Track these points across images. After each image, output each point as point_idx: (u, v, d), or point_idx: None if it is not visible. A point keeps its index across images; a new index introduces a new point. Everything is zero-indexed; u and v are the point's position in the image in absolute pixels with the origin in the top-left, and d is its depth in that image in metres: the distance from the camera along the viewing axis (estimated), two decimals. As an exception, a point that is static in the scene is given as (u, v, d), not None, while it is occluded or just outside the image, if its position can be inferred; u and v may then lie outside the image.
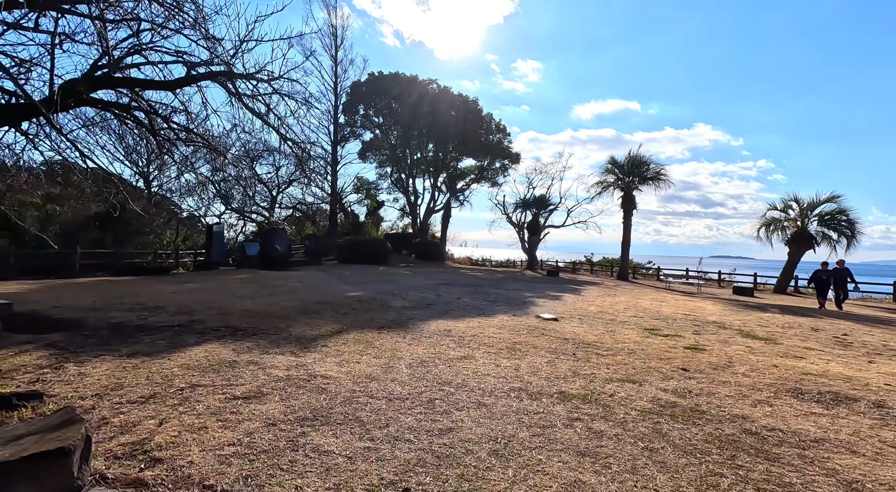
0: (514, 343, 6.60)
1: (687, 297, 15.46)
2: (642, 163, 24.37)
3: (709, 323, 9.11)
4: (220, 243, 19.79)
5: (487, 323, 8.15)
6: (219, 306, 8.85)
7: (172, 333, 6.45)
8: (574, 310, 10.31)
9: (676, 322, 9.01)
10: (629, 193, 24.63)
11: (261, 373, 4.69)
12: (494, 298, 12.15)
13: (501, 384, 4.71)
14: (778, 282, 19.82)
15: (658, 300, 13.29)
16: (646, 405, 4.25)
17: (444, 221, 39.70)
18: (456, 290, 13.93)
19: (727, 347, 6.73)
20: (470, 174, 42.70)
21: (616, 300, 12.75)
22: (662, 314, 10.10)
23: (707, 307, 11.87)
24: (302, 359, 5.33)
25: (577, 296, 13.70)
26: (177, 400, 3.83)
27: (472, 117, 37.65)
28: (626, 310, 10.62)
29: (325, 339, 6.46)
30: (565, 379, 4.98)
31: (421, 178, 42.05)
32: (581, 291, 15.56)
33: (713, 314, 10.49)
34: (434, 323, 7.99)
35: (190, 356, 5.20)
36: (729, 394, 4.64)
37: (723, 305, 12.79)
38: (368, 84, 37.39)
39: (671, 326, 8.45)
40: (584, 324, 8.37)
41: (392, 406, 3.96)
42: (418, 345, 6.30)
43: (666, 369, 5.46)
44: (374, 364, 5.26)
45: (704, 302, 13.44)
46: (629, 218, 24.84)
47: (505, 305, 10.64)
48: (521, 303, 11.28)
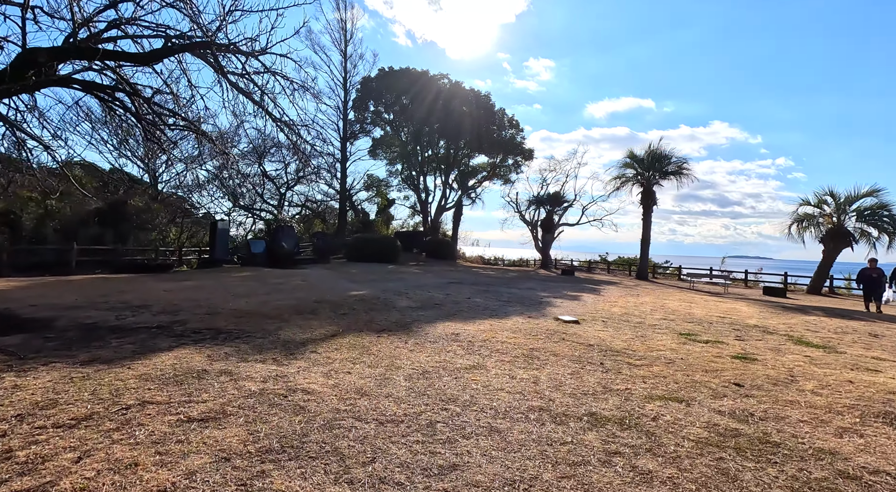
0: (531, 350, 5.76)
1: (715, 297, 14.39)
2: (663, 157, 23.19)
3: (749, 327, 8.14)
4: (225, 240, 19.30)
5: (500, 326, 7.31)
6: (208, 305, 8.18)
7: (147, 335, 5.76)
8: (596, 311, 9.41)
9: (713, 326, 8.05)
10: (649, 189, 23.47)
11: (231, 386, 3.95)
12: (507, 297, 11.30)
13: (518, 402, 3.89)
14: (812, 282, 18.53)
15: (686, 301, 12.28)
16: (700, 433, 3.38)
17: (455, 219, 38.89)
18: (466, 289, 13.11)
19: (782, 357, 5.78)
20: (482, 171, 41.78)
21: (640, 301, 11.78)
22: (695, 317, 9.14)
23: (742, 309, 10.84)
24: (284, 368, 4.57)
25: (596, 296, 12.77)
26: (115, 424, 3.09)
27: (485, 113, 36.75)
28: (653, 311, 9.68)
29: (316, 343, 5.71)
30: (595, 396, 4.13)
31: (432, 175, 41.30)
32: (600, 291, 14.60)
33: (751, 317, 9.48)
34: (441, 325, 7.19)
35: (155, 364, 4.49)
36: (802, 418, 3.74)
37: (758, 306, 11.73)
38: (378, 79, 36.76)
39: (709, 331, 7.51)
40: (609, 327, 7.48)
41: (383, 432, 3.17)
42: (421, 351, 5.51)
43: (716, 384, 4.57)
44: (367, 375, 4.48)
45: (736, 303, 12.39)
46: (649, 214, 23.70)
47: (519, 306, 9.79)
48: (536, 303, 10.41)
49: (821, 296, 17.53)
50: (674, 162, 23.22)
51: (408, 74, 36.87)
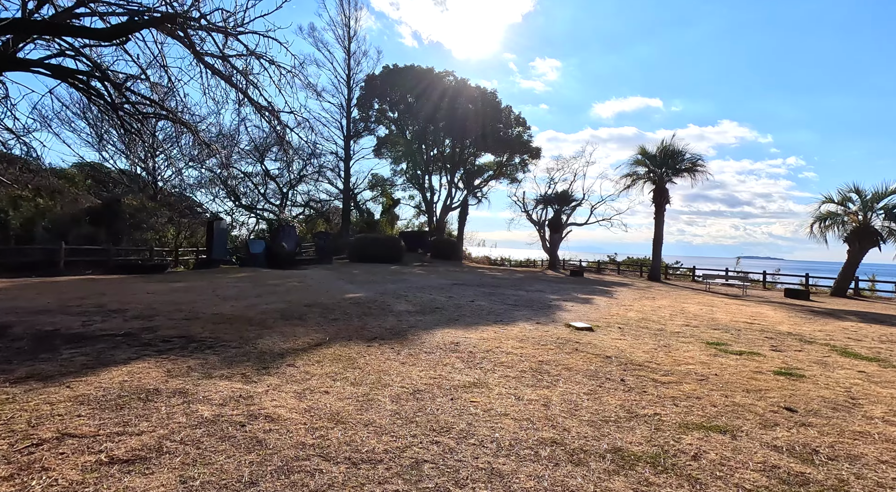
0: (541, 363, 5.05)
1: (736, 300, 13.55)
2: (676, 153, 22.30)
3: (783, 335, 7.35)
4: (223, 241, 18.79)
5: (506, 333, 6.61)
6: (190, 309, 7.57)
7: (107, 345, 5.14)
8: (610, 316, 8.66)
9: (743, 334, 7.27)
10: (661, 186, 22.58)
11: (180, 411, 3.29)
12: (514, 300, 10.58)
13: (525, 432, 3.20)
14: (836, 284, 17.57)
15: (706, 305, 11.47)
16: (757, 479, 2.67)
17: (460, 218, 38.18)
18: (470, 291, 12.41)
19: (832, 373, 5.02)
20: (488, 170, 41.06)
21: (657, 304, 11.00)
22: (720, 323, 8.36)
23: (768, 313, 10.02)
24: (251, 387, 3.91)
25: (609, 299, 12.00)
26: (11, 468, 2.44)
27: (491, 111, 36.02)
28: (672, 317, 8.91)
29: (297, 355, 5.04)
30: (618, 424, 3.42)
31: (437, 174, 40.65)
32: (613, 294, 13.81)
33: (781, 323, 8.68)
34: (440, 333, 6.51)
35: (100, 382, 3.85)
36: (882, 457, 3.00)
37: (785, 310, 10.89)
38: (383, 77, 36.19)
39: (739, 340, 6.74)
40: (628, 335, 6.74)
41: (354, 478, 2.50)
42: (414, 365, 4.82)
43: (762, 409, 3.83)
44: (347, 395, 3.80)
45: (760, 307, 11.55)
46: (661, 213, 22.82)
47: (527, 310, 9.07)
48: (545, 307, 9.68)
49: (846, 298, 16.57)
50: (687, 159, 22.33)
51: (413, 72, 36.27)
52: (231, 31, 5.71)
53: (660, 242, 22.98)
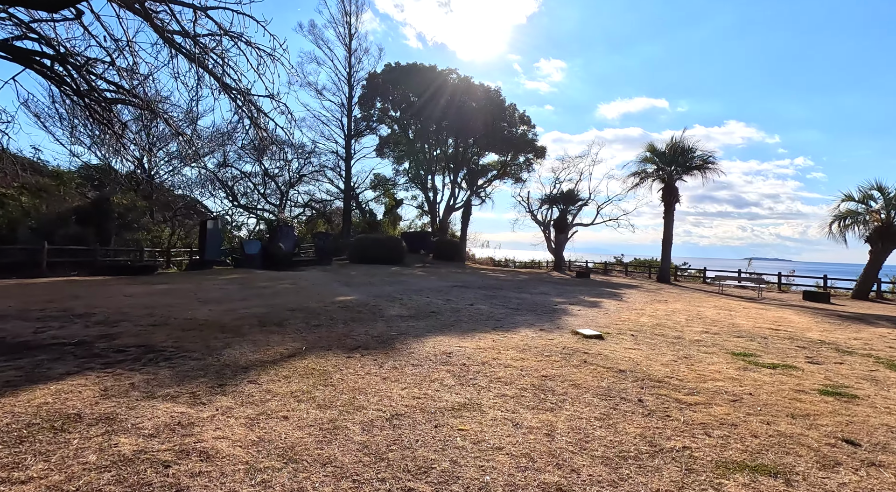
0: (544, 378, 4.38)
1: (754, 304, 12.77)
2: (686, 150, 21.49)
3: (815, 343, 6.61)
4: (216, 241, 18.26)
5: (505, 342, 5.93)
6: (162, 314, 6.97)
7: (51, 355, 4.53)
8: (621, 322, 7.95)
9: (770, 342, 6.54)
10: (671, 184, 21.78)
11: (94, 446, 2.65)
12: (516, 304, 9.89)
13: (523, 474, 2.54)
14: (858, 286, 16.70)
15: (723, 308, 10.72)
16: (834, 552, 1.97)
17: (463, 219, 37.55)
18: (471, 293, 11.74)
19: (889, 392, 4.29)
20: (492, 170, 40.38)
21: (671, 308, 10.26)
22: (742, 329, 7.63)
23: (792, 318, 9.26)
24: (196, 410, 3.27)
25: (618, 302, 11.27)
26: None
27: (495, 109, 35.36)
28: (689, 322, 8.18)
29: (263, 368, 4.40)
30: (639, 462, 2.74)
31: (441, 174, 40.01)
32: (622, 296, 13.08)
33: (809, 329, 7.92)
34: (432, 341, 5.84)
35: (15, 404, 3.23)
36: None
37: (809, 315, 10.12)
38: (385, 75, 35.64)
39: (768, 349, 6.01)
40: (642, 344, 6.04)
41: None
42: (397, 380, 4.16)
43: (815, 441, 3.13)
44: (310, 422, 3.15)
45: (782, 311, 10.78)
46: (670, 213, 22.01)
47: (530, 315, 8.38)
48: (550, 311, 8.99)
49: (869, 302, 15.71)
50: (698, 156, 21.51)
51: (415, 70, 35.71)
52: (199, 6, 5.11)
53: (669, 242, 22.18)
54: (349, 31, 32.78)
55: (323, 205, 36.35)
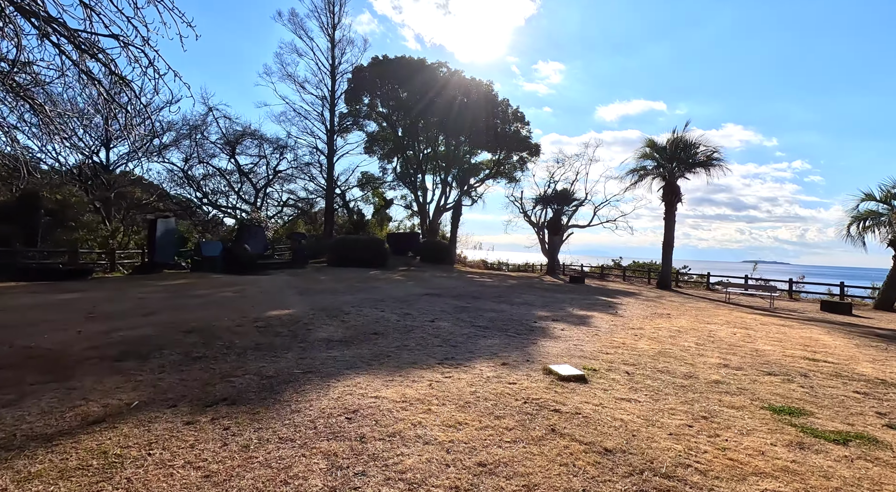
0: (480, 471, 2.64)
1: (769, 317, 11.05)
2: (689, 145, 19.76)
3: (874, 383, 4.87)
4: (169, 241, 16.49)
5: (447, 387, 4.18)
6: (7, 336, 5.22)
7: None
8: (614, 349, 6.21)
9: (814, 383, 4.81)
10: (672, 182, 20.05)
11: None
12: (488, 320, 8.15)
13: None
14: (882, 295, 14.97)
15: (737, 325, 8.99)
16: None
17: (453, 220, 35.84)
18: (440, 304, 9.99)
19: None
20: (484, 169, 38.68)
21: (675, 325, 8.52)
22: (769, 358, 5.89)
23: (824, 340, 7.53)
24: None
25: (613, 317, 9.54)
26: None
27: (487, 105, 33.63)
28: (701, 348, 6.45)
29: (15, 453, 2.64)
30: None
31: (431, 173, 38.29)
32: (618, 308, 11.34)
33: (854, 359, 6.19)
34: (343, 385, 4.10)
35: None
36: None
37: (842, 334, 8.40)
38: (371, 68, 33.91)
39: (818, 398, 4.27)
40: (640, 391, 4.29)
41: None
42: (231, 478, 2.42)
43: None
44: None
45: (807, 328, 9.06)
46: (672, 213, 20.29)
47: (498, 337, 6.64)
48: (525, 332, 7.25)
49: (894, 312, 14.00)
50: (702, 151, 19.80)
51: (403, 63, 34.01)
52: None
53: (670, 245, 20.46)
54: (332, 20, 31.06)
55: (307, 204, 34.57)
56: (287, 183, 32.77)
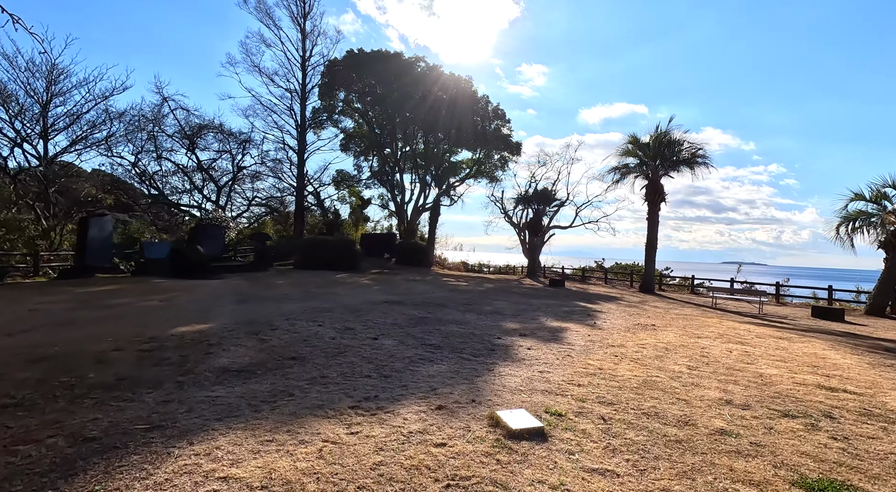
0: None
1: (763, 327, 10.06)
2: (673, 142, 18.87)
3: (922, 430, 3.76)
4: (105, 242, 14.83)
5: (343, 454, 2.89)
6: None
7: None
8: (588, 379, 5.01)
9: (842, 425, 3.67)
10: (656, 180, 19.12)
11: None
12: (444, 336, 6.89)
13: None
14: (873, 300, 14.21)
15: (732, 339, 7.91)
16: None
17: (431, 220, 34.55)
18: (395, 316, 8.70)
19: None
20: (465, 168, 37.51)
21: (662, 341, 7.39)
22: (779, 389, 4.75)
23: (833, 359, 6.47)
24: None
25: (590, 329, 8.38)
26: None
27: (466, 101, 32.43)
28: (694, 373, 5.29)
29: None
30: None
31: (409, 173, 36.93)
32: (597, 318, 10.21)
33: (877, 386, 5.11)
34: (190, 452, 2.78)
35: None
36: None
37: (849, 349, 7.38)
38: (346, 62, 32.43)
39: (859, 457, 3.11)
40: (620, 453, 3.06)
41: None
42: None
43: None
44: None
45: (809, 341, 8.04)
46: (655, 213, 19.37)
47: (448, 362, 5.38)
48: (483, 352, 6.01)
49: (888, 319, 13.24)
50: (686, 149, 18.92)
51: (379, 58, 32.60)
52: None
53: (654, 246, 19.54)
54: (303, 9, 29.49)
55: (278, 202, 32.81)
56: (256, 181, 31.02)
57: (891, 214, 14.01)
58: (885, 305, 13.99)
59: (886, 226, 13.98)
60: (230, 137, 25.18)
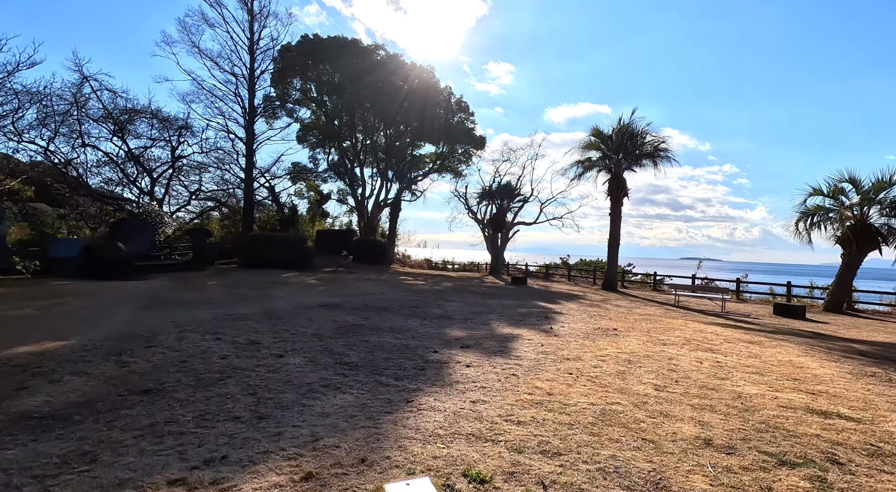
0: None
1: (726, 327, 9.43)
2: (636, 134, 18.35)
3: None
4: None
5: None
6: None
7: None
8: (532, 410, 3.95)
9: (855, 478, 2.74)
10: (619, 174, 18.57)
11: None
12: (366, 352, 5.71)
13: None
14: (832, 296, 14.06)
15: (700, 346, 7.11)
16: None
17: (392, 216, 33.23)
18: (322, 324, 7.43)
19: None
20: (428, 163, 36.28)
21: (623, 350, 6.47)
22: (761, 414, 3.84)
23: (812, 368, 5.72)
24: None
25: (545, 336, 7.40)
26: None
27: (427, 92, 31.16)
28: (661, 395, 4.33)
29: None
30: None
31: (370, 166, 35.32)
32: (555, 320, 9.29)
33: (871, 405, 4.31)
34: None
35: None
36: None
37: (824, 354, 6.71)
38: (300, 48, 30.47)
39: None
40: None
41: None
42: None
43: None
44: None
45: (780, 346, 7.35)
46: (618, 208, 18.82)
47: (356, 391, 4.19)
48: (409, 375, 4.87)
49: (847, 315, 13.06)
50: (649, 142, 18.43)
51: (336, 44, 30.79)
52: None
53: (616, 242, 19.01)
54: (251, -13, 27.32)
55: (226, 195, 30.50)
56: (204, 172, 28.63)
57: (848, 210, 13.87)
58: (842, 302, 13.86)
59: (844, 221, 13.83)
60: (166, 124, 22.86)
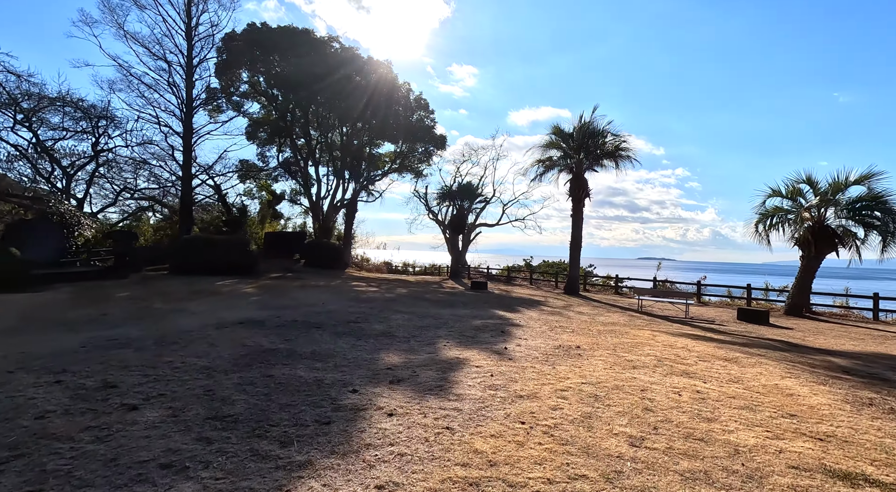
0: None
1: (697, 340, 8.68)
2: (597, 133, 17.77)
3: None
4: None
5: None
6: None
7: None
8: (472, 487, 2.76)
9: None
10: (580, 175, 17.91)
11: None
12: (261, 395, 4.37)
13: None
14: (792, 299, 13.84)
15: (673, 369, 6.20)
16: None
17: (347, 217, 31.57)
18: (222, 351, 5.99)
19: None
20: (387, 162, 34.80)
21: (588, 379, 5.44)
22: (770, 480, 2.84)
23: (804, 396, 4.88)
24: None
25: (497, 360, 6.28)
26: None
27: (385, 87, 29.70)
28: (637, 452, 3.27)
29: None
30: None
31: (325, 165, 33.44)
32: (511, 336, 8.21)
33: (876, 448, 3.41)
34: None
35: None
36: None
37: (810, 376, 5.95)
38: (247, 37, 28.28)
39: None
40: None
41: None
42: None
43: None
44: None
45: (761, 366, 6.57)
46: (580, 209, 18.17)
47: (210, 475, 2.86)
48: (301, 437, 3.59)
49: (809, 320, 12.80)
50: (610, 141, 17.87)
51: (286, 34, 28.81)
52: None
53: (578, 245, 18.34)
54: (186, -36, 24.95)
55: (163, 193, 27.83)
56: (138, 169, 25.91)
57: (806, 211, 13.69)
58: (802, 305, 13.66)
59: (802, 223, 13.64)
60: (83, 113, 20.29)
